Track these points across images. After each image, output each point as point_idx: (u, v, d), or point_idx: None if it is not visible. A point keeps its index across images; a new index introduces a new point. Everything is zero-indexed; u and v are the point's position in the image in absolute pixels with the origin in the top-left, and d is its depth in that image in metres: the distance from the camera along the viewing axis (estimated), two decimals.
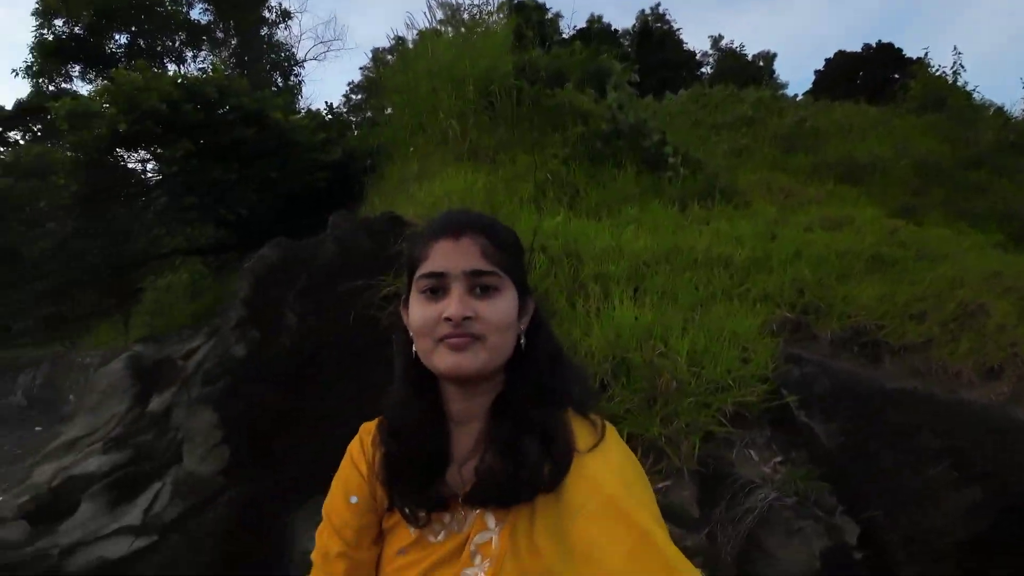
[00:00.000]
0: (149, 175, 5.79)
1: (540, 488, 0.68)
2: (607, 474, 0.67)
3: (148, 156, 5.46)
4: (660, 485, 2.05)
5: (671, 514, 1.96)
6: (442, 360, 0.73)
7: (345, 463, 0.87)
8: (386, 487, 0.78)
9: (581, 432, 0.73)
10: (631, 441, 2.13)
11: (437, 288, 0.74)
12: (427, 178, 4.39)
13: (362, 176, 5.75)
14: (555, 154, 4.44)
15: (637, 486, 0.68)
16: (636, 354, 2.27)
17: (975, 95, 7.56)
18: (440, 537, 0.75)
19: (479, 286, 0.74)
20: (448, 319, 0.72)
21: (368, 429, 0.86)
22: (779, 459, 2.00)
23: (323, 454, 2.44)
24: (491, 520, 0.72)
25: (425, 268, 0.76)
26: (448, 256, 0.75)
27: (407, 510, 0.76)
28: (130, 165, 5.65)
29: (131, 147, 5.27)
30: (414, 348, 0.77)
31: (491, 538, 0.71)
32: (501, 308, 0.74)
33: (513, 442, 0.71)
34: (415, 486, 0.76)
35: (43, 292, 5.53)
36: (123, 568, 1.82)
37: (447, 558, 0.73)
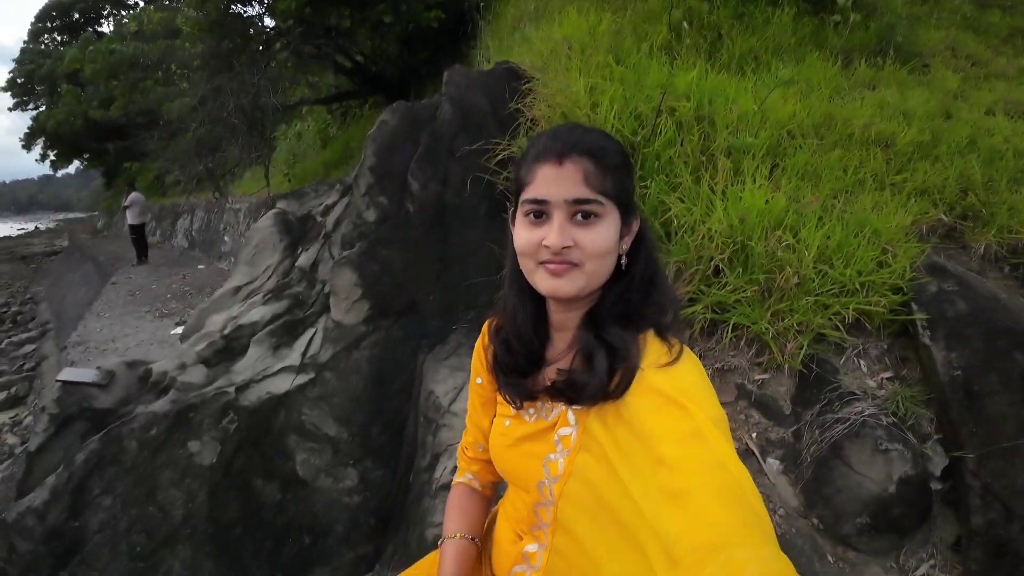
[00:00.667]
0: (268, 28, 5.81)
1: (605, 395, 0.75)
2: (668, 385, 0.72)
3: (263, 10, 5.43)
4: (757, 377, 2.06)
5: (762, 405, 2.00)
6: (542, 282, 0.80)
7: (474, 352, 1.04)
8: (493, 376, 0.95)
9: (656, 352, 0.77)
10: (735, 331, 2.09)
11: (540, 212, 0.78)
12: (545, 18, 3.94)
13: (475, 14, 5.35)
14: None
15: (699, 394, 0.72)
16: (759, 243, 2.11)
17: None
18: (532, 419, 0.88)
19: (580, 213, 0.77)
20: (548, 247, 0.77)
21: (488, 325, 1.01)
22: (889, 375, 1.88)
23: (447, 307, 2.72)
24: (572, 417, 0.81)
25: (528, 193, 0.79)
26: (550, 183, 0.77)
27: (507, 396, 0.91)
28: (250, 14, 5.69)
29: (247, 2, 5.26)
30: None
31: (571, 432, 0.80)
32: (600, 236, 0.77)
33: (589, 353, 0.79)
34: (512, 380, 0.90)
35: (187, 151, 6.14)
36: (287, 399, 2.26)
37: (535, 435, 0.86)
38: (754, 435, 1.96)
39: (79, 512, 1.92)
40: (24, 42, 19.11)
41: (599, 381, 0.75)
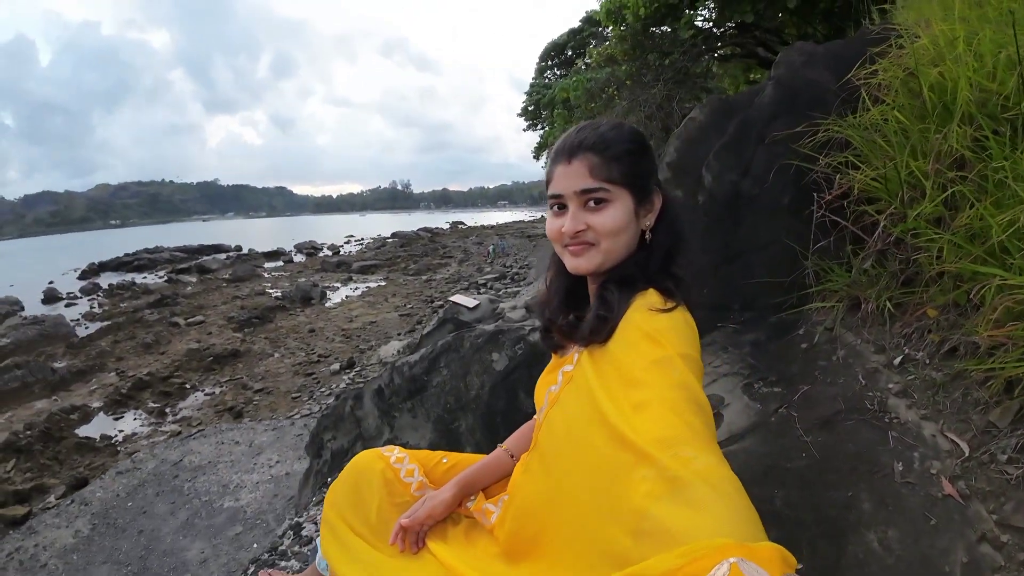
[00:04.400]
0: (688, 38, 6.15)
1: (592, 338, 0.86)
2: (648, 325, 0.80)
3: (678, 25, 5.89)
4: None
5: None
6: (567, 262, 0.95)
7: None
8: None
9: (650, 303, 0.84)
10: None
11: (561, 205, 0.92)
12: None
13: None
14: None
15: (675, 335, 0.78)
16: None
17: None
18: (558, 356, 1.04)
19: (591, 200, 0.88)
20: (565, 232, 0.91)
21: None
22: None
23: (719, 303, 2.71)
24: (576, 356, 0.92)
25: (550, 190, 0.94)
26: (562, 180, 0.91)
27: (544, 345, 1.11)
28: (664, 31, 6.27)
29: (661, 21, 5.81)
30: None
31: (571, 369, 0.92)
32: (611, 218, 0.88)
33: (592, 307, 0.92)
34: (546, 335, 1.10)
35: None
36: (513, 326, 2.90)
37: (554, 367, 1.02)
38: None
39: (429, 372, 3.19)
40: (532, 78, 23.20)
41: (587, 327, 0.88)
